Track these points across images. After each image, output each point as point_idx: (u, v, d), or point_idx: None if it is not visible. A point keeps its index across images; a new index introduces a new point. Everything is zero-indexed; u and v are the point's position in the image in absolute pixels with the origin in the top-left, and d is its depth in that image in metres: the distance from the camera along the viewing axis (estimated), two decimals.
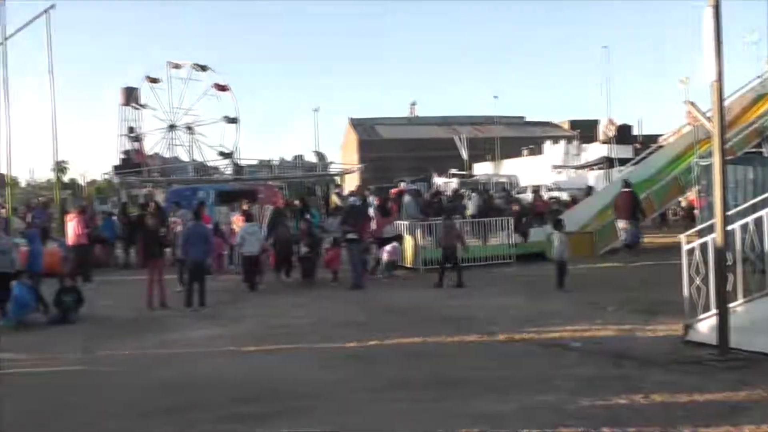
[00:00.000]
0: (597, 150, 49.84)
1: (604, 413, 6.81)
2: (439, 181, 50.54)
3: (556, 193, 39.06)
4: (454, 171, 56.84)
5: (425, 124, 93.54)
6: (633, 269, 17.40)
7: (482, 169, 64.22)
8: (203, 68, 57.55)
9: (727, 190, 9.18)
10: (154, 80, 57.14)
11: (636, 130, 55.65)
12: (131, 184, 43.93)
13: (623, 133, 49.47)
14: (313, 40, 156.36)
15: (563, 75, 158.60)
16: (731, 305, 8.82)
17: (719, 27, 8.69)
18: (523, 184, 46.70)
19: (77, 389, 8.74)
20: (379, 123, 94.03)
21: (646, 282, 15.05)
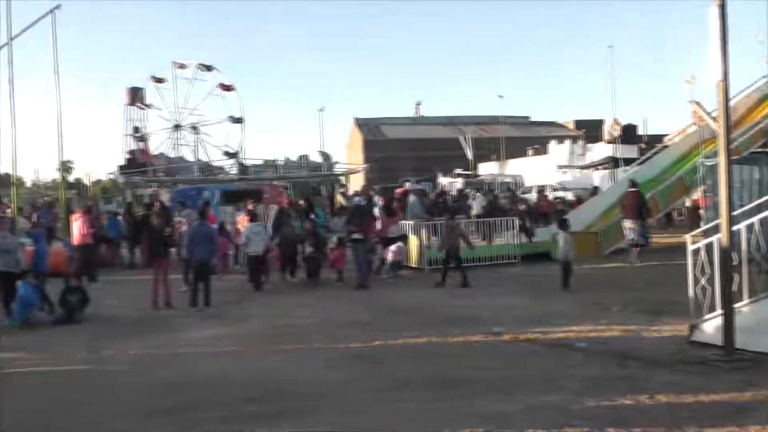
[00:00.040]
0: (602, 150, 49.69)
1: (610, 413, 6.80)
2: (444, 181, 50.49)
3: (561, 193, 39.00)
4: (459, 171, 56.73)
5: (430, 124, 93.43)
6: (638, 269, 17.39)
7: (487, 169, 64.11)
8: (208, 68, 57.68)
9: (733, 190, 9.14)
10: (160, 80, 57.28)
11: (641, 130, 55.52)
12: (136, 184, 44.05)
13: (628, 133, 49.30)
14: (318, 40, 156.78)
15: (568, 75, 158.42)
16: (737, 306, 8.80)
17: (725, 26, 8.67)
18: (528, 184, 46.66)
19: (82, 389, 8.75)
20: (384, 123, 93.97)
21: (651, 282, 15.02)
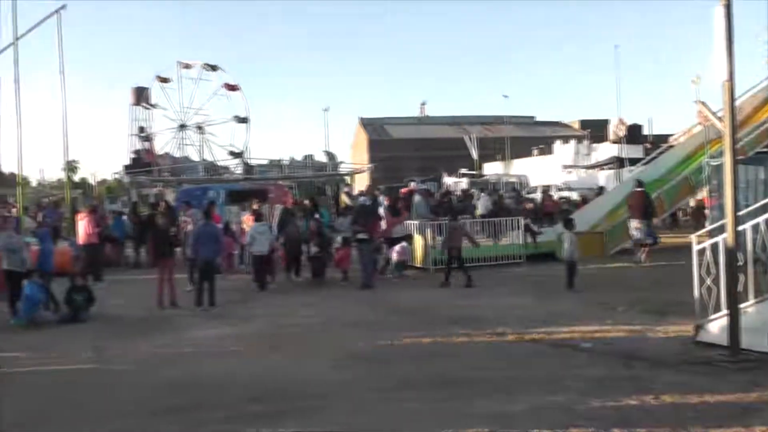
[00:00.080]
0: (607, 150, 49.62)
1: (615, 414, 6.79)
2: (449, 180, 50.48)
3: (566, 193, 38.94)
4: (464, 171, 56.72)
5: (435, 124, 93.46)
6: (643, 269, 17.37)
7: (492, 168, 64.08)
8: (213, 68, 57.77)
9: (738, 190, 9.15)
10: (165, 80, 57.37)
11: (646, 130, 55.32)
12: (141, 184, 44.10)
13: (633, 133, 49.16)
14: (324, 40, 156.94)
15: (573, 75, 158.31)
16: (742, 306, 8.78)
17: (731, 26, 8.65)
18: (534, 184, 46.61)
19: (87, 388, 8.77)
20: (389, 123, 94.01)
21: (656, 282, 15.00)
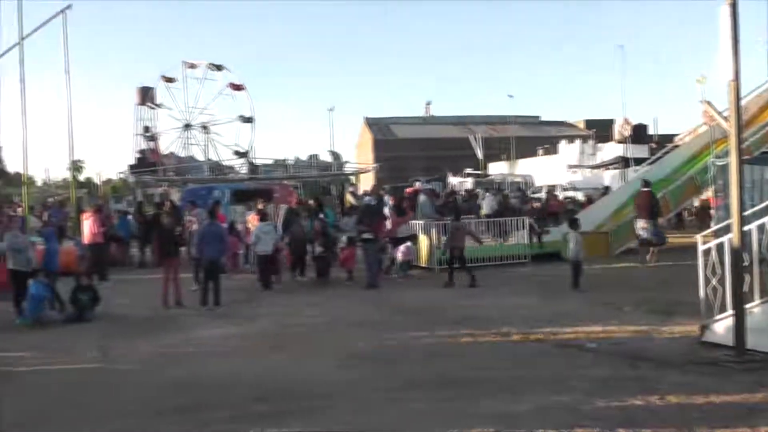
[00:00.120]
0: (612, 150, 49.57)
1: (620, 414, 6.78)
2: (454, 180, 50.47)
3: (571, 193, 38.88)
4: (469, 171, 56.69)
5: (440, 124, 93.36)
6: (648, 270, 17.33)
7: (497, 168, 64.05)
8: (218, 68, 57.84)
9: (744, 190, 9.10)
10: (170, 80, 57.47)
11: (651, 130, 55.25)
12: (147, 184, 44.21)
13: (639, 133, 49.12)
14: (329, 39, 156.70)
15: (578, 74, 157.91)
16: (748, 306, 8.75)
17: (736, 26, 8.62)
18: (539, 183, 46.59)
19: (91, 387, 8.79)
20: (394, 122, 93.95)
21: (661, 282, 14.97)
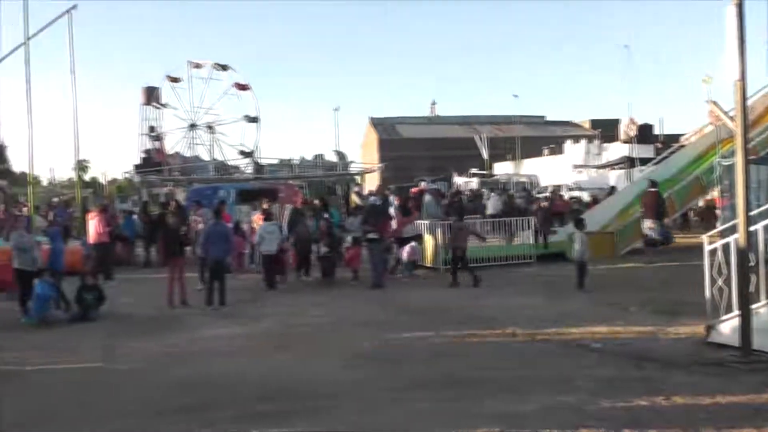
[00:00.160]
0: (618, 149, 49.54)
1: (625, 415, 6.77)
2: (459, 180, 50.47)
3: (576, 193, 38.85)
4: (474, 170, 56.73)
5: (446, 124, 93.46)
6: (654, 270, 17.28)
7: (503, 168, 64.09)
8: (224, 68, 57.99)
9: (750, 190, 9.09)
10: (175, 80, 57.64)
11: (657, 130, 55.16)
12: (152, 183, 44.31)
13: (644, 133, 49.05)
14: (334, 40, 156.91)
15: (584, 74, 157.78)
16: (754, 306, 8.73)
17: (742, 26, 8.60)
18: (544, 183, 46.56)
19: (96, 387, 8.80)
20: (399, 122, 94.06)
21: (667, 283, 14.94)
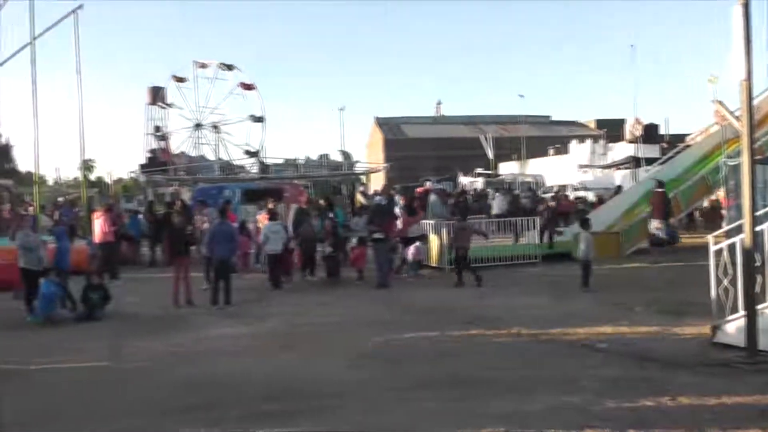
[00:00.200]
0: (623, 149, 49.46)
1: (631, 415, 6.76)
2: (464, 180, 50.43)
3: (582, 193, 38.79)
4: (479, 170, 56.65)
5: (451, 124, 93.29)
6: (660, 270, 17.25)
7: (508, 168, 64.01)
8: (229, 67, 58.04)
9: (756, 190, 9.05)
10: (181, 79, 57.71)
11: (663, 130, 55.05)
12: (157, 183, 44.33)
13: (650, 133, 48.91)
14: (340, 39, 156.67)
15: (589, 74, 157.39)
16: (759, 307, 8.70)
17: (749, 25, 8.59)
18: (549, 183, 46.52)
19: (101, 386, 8.82)
20: (404, 122, 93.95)
21: (672, 283, 14.92)
